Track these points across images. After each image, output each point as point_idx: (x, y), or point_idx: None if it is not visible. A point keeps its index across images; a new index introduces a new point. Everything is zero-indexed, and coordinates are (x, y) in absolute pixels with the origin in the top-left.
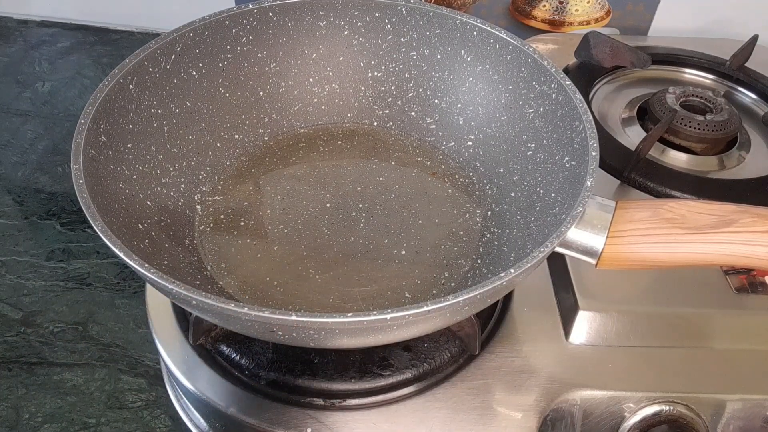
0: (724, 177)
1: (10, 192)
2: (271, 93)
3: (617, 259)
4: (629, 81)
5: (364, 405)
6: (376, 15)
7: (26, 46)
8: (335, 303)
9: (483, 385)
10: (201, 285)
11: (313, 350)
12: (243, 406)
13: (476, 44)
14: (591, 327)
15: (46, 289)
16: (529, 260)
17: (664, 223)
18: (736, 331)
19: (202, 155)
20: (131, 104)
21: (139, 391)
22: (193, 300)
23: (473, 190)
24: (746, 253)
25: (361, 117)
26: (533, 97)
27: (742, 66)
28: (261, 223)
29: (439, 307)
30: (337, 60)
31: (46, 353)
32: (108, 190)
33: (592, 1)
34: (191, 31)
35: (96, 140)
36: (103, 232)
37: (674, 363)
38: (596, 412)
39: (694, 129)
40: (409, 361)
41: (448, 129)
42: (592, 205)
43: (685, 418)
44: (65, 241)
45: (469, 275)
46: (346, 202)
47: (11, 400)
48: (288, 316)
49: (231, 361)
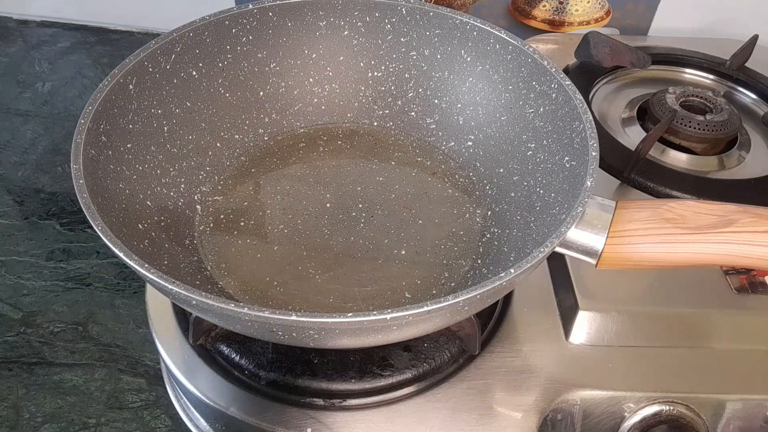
0: (724, 177)
1: (10, 192)
2: (271, 93)
3: (617, 259)
4: (629, 81)
5: (364, 405)
6: (376, 15)
7: (26, 46)
8: (335, 303)
9: (483, 385)
10: (201, 285)
11: (313, 350)
12: (243, 406)
13: (476, 44)
14: (591, 327)
15: (46, 289)
16: (529, 260)
17: (664, 223)
18: (736, 331)
19: (202, 155)
20: (131, 104)
21: (139, 391)
22: (193, 300)
23: (473, 190)
24: (746, 253)
25: (361, 117)
26: (533, 97)
27: (742, 66)
28: (261, 223)
29: (439, 307)
30: (337, 60)
31: (46, 353)
32: (108, 190)
33: (592, 1)
34: (191, 31)
35: (96, 140)
36: (103, 232)
37: (674, 363)
38: (596, 412)
39: (694, 129)
40: (409, 361)
41: (448, 129)
42: (592, 205)
43: (685, 418)
44: (65, 241)
45: (469, 275)
46: (346, 202)
47: (11, 400)
48: (288, 316)
49: (231, 361)
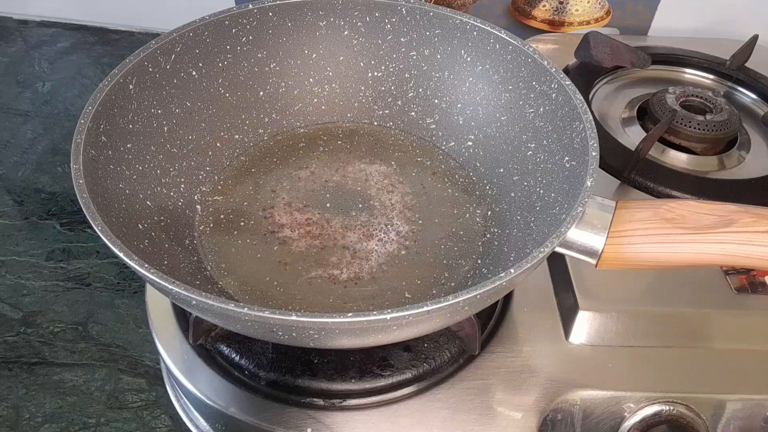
0: (724, 177)
1: (10, 192)
2: (271, 93)
3: (617, 259)
4: (629, 81)
5: (364, 405)
6: (376, 15)
7: (26, 46)
8: (335, 303)
9: (483, 385)
10: (201, 285)
11: (313, 350)
12: (243, 406)
13: (476, 44)
14: (591, 327)
15: (46, 289)
16: (529, 260)
17: (664, 223)
18: (736, 331)
19: (202, 155)
20: (131, 104)
21: (139, 391)
22: (193, 300)
23: (473, 190)
24: (746, 253)
25: (361, 117)
26: (533, 97)
27: (742, 66)
28: (261, 223)
29: (439, 307)
30: (337, 60)
31: (46, 353)
32: (108, 190)
33: (592, 1)
34: (191, 31)
35: (96, 140)
36: (103, 232)
37: (674, 363)
38: (596, 412)
39: (694, 129)
40: (409, 361)
41: (448, 129)
42: (592, 205)
43: (685, 418)
44: (65, 241)
45: (469, 275)
46: (346, 202)
47: (11, 400)
48: (288, 316)
49: (231, 361)
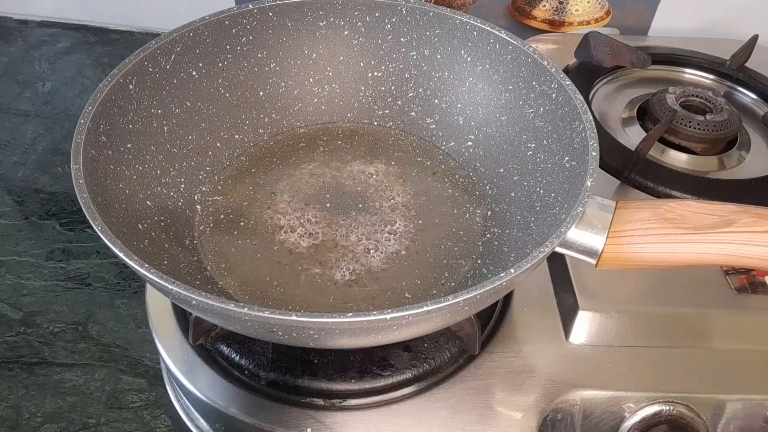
0: (724, 177)
1: (10, 192)
2: (271, 93)
3: (617, 259)
4: (629, 81)
5: (364, 405)
6: (376, 15)
7: (26, 46)
8: (335, 303)
9: (483, 385)
10: (201, 285)
11: (313, 350)
12: (243, 406)
13: (476, 44)
14: (591, 327)
15: (46, 289)
16: (529, 260)
17: (664, 223)
18: (736, 331)
19: (202, 155)
20: (131, 104)
21: (139, 391)
22: (193, 300)
23: (473, 190)
24: (746, 253)
25: (361, 117)
26: (533, 97)
27: (742, 66)
28: (261, 223)
29: (439, 307)
30: (337, 60)
31: (46, 353)
32: (108, 190)
33: (592, 1)
34: (191, 31)
35: (96, 140)
36: (103, 232)
37: (674, 363)
38: (596, 412)
39: (694, 129)
40: (409, 361)
41: (448, 129)
42: (592, 205)
43: (685, 418)
44: (65, 241)
45: (469, 275)
46: (346, 202)
47: (11, 400)
48: (288, 316)
49: (231, 361)
